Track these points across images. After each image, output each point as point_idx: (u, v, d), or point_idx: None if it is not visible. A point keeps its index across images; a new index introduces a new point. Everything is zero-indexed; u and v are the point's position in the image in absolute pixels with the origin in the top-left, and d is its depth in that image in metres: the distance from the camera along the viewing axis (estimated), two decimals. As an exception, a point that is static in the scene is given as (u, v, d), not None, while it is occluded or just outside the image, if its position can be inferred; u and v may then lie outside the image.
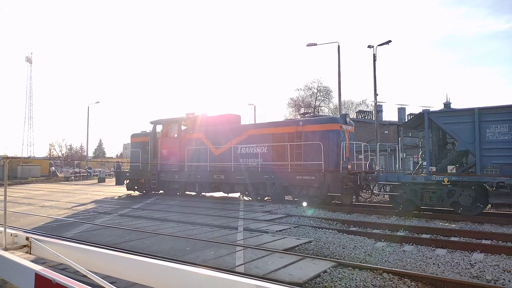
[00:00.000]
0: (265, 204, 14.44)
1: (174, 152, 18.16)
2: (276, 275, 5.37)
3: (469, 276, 5.71)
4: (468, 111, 11.69)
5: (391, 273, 5.48)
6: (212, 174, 16.56)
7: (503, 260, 6.46)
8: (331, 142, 13.84)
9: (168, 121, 18.91)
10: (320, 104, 52.09)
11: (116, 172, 22.96)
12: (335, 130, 14.08)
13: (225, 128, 17.03)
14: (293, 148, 14.43)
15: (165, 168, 18.35)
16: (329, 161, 13.67)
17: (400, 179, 12.56)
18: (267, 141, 15.34)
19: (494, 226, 9.92)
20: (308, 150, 14.11)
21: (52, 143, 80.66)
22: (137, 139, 20.35)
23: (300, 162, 14.22)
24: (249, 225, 9.70)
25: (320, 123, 14.60)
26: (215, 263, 5.96)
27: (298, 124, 14.90)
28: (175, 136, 18.42)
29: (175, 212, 12.46)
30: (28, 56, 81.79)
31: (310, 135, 14.24)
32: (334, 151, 13.77)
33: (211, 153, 16.93)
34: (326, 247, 7.34)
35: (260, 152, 15.37)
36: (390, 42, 23.18)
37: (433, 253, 7.11)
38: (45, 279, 2.25)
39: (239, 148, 16.05)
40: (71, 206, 14.60)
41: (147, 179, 19.18)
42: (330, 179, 13.32)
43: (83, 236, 8.28)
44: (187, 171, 17.45)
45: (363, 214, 12.05)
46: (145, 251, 6.58)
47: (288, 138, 14.75)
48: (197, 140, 17.52)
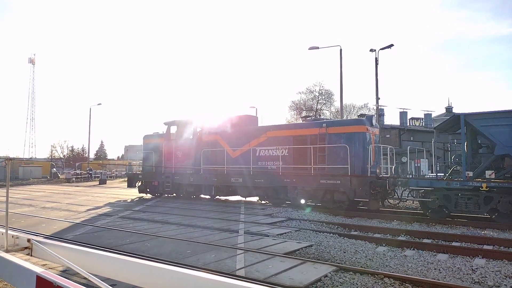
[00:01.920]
0: (266, 207, 14.42)
1: (189, 154, 17.67)
2: (277, 279, 5.35)
3: (471, 281, 5.68)
4: (509, 113, 11.14)
5: (392, 278, 5.45)
6: (229, 177, 16.00)
7: (505, 266, 6.43)
8: (358, 145, 13.29)
9: (183, 122, 18.43)
10: (321, 107, 52.08)
11: (128, 174, 22.55)
12: (361, 132, 13.49)
13: (243, 129, 16.53)
14: (316, 150, 13.90)
15: (180, 170, 17.82)
16: (355, 164, 13.15)
17: (433, 184, 11.93)
18: (287, 143, 14.84)
19: (496, 232, 9.88)
20: (333, 153, 13.63)
21: (54, 144, 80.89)
22: (150, 141, 19.91)
23: (324, 166, 13.70)
24: (250, 228, 9.68)
25: (345, 125, 14.15)
26: (216, 266, 5.95)
27: (321, 125, 14.28)
28: (190, 137, 17.92)
29: (176, 214, 12.45)
30: (31, 58, 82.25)
31: (335, 138, 13.71)
32: (360, 154, 13.25)
33: (228, 155, 16.41)
34: (327, 251, 7.31)
35: (281, 155, 14.84)
36: (392, 46, 23.21)
37: (434, 258, 7.09)
38: (46, 282, 2.25)
39: (258, 151, 15.58)
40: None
41: (160, 181, 18.71)
42: (357, 184, 12.75)
43: (84, 238, 8.27)
44: (203, 173, 16.93)
45: (364, 218, 12.02)
46: (145, 254, 6.57)
47: (310, 140, 14.25)
48: (213, 141, 17.07)
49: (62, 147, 79.80)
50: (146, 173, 20.03)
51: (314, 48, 24.66)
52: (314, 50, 24.90)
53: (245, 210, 13.44)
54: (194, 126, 18.00)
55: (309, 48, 24.68)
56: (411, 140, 32.97)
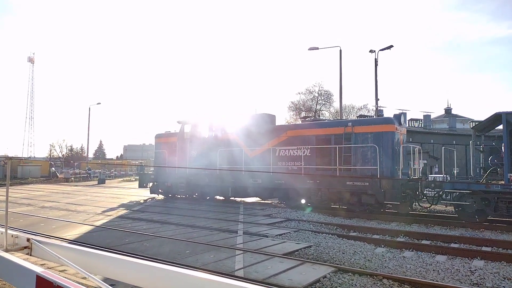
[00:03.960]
0: (265, 207, 14.41)
1: (204, 154, 16.98)
2: (276, 279, 5.36)
3: (469, 283, 5.69)
4: None
5: (391, 279, 5.46)
6: (247, 178, 15.39)
7: (503, 268, 6.44)
8: (387, 145, 12.65)
9: (198, 120, 18.01)
10: (321, 108, 52.12)
11: (139, 175, 21.94)
12: (390, 131, 12.81)
13: (261, 128, 15.83)
14: (341, 151, 13.27)
15: (195, 170, 16.93)
16: (384, 165, 12.55)
17: (471, 187, 11.42)
18: (310, 143, 14.22)
19: (495, 233, 9.90)
20: (360, 153, 13.07)
21: (53, 143, 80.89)
22: (163, 140, 19.38)
23: (350, 167, 13.10)
24: (249, 228, 9.69)
25: (373, 124, 13.44)
26: (215, 266, 5.95)
27: (346, 125, 13.68)
28: (205, 136, 17.43)
29: (175, 215, 12.45)
30: (30, 57, 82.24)
31: (361, 137, 13.14)
32: (389, 155, 12.60)
33: (245, 155, 15.81)
34: (325, 252, 7.32)
35: (303, 155, 14.23)
36: (391, 47, 23.24)
37: (433, 259, 7.10)
38: (46, 281, 2.25)
39: (278, 151, 14.99)
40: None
41: (174, 182, 18.13)
42: (388, 186, 12.14)
43: (83, 238, 8.27)
44: (220, 174, 16.22)
45: (363, 219, 12.03)
46: (144, 254, 6.57)
47: (335, 140, 13.65)
48: (230, 141, 16.42)
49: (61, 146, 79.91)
50: (158, 174, 19.26)
51: (314, 48, 24.68)
52: (314, 51, 24.94)
53: (244, 211, 13.44)
54: (209, 125, 17.47)
55: (309, 48, 24.71)
56: (410, 142, 33.02)
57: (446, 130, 38.33)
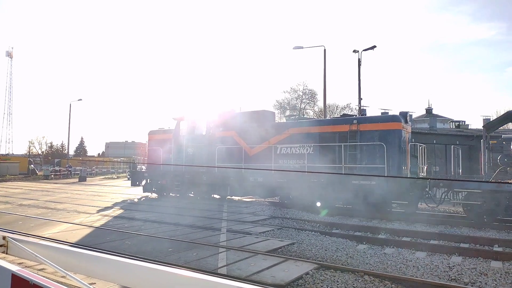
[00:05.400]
0: (249, 205, 14.41)
1: (201, 151, 16.54)
2: (259, 276, 5.37)
3: (448, 278, 5.82)
4: None
5: (372, 275, 5.55)
6: (247, 176, 14.94)
7: (480, 263, 6.62)
8: (394, 143, 12.41)
9: (195, 117, 17.54)
10: (305, 106, 52.48)
11: (131, 172, 21.24)
12: (397, 129, 12.58)
13: (261, 125, 15.34)
14: (347, 149, 13.01)
15: (192, 168, 16.54)
16: (391, 164, 12.29)
17: (481, 186, 11.11)
18: (313, 141, 13.80)
19: (472, 230, 10.15)
20: (366, 151, 12.76)
21: (32, 140, 78.95)
22: (157, 136, 18.69)
23: (355, 165, 12.81)
24: (232, 226, 9.68)
25: (379, 121, 13.08)
26: (197, 264, 5.92)
27: (352, 122, 13.31)
28: (202, 133, 17.00)
29: (158, 212, 12.33)
30: (9, 51, 79.89)
31: (367, 135, 12.81)
32: (396, 153, 12.35)
33: (245, 153, 15.39)
34: (308, 249, 7.38)
35: (306, 153, 13.85)
36: (375, 48, 23.55)
37: (413, 255, 7.24)
38: (22, 280, 2.19)
39: (279, 148, 14.56)
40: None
41: (169, 180, 17.68)
42: (395, 185, 11.89)
43: (62, 236, 8.10)
44: (218, 172, 15.79)
45: (346, 217, 12.16)
46: (126, 252, 6.49)
47: (339, 138, 13.35)
48: (228, 138, 15.95)
49: (40, 143, 78.12)
50: (152, 172, 18.67)
51: (298, 47, 24.80)
52: (299, 50, 25.05)
53: (228, 208, 13.41)
54: (206, 122, 17.04)
55: (293, 47, 24.82)
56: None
57: (427, 130, 39.11)
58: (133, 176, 20.01)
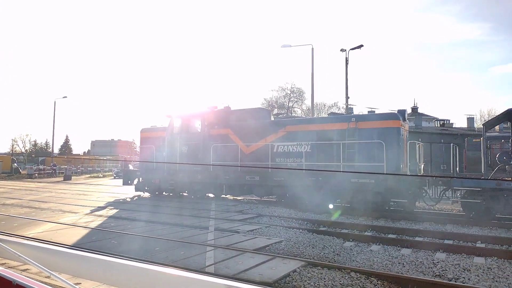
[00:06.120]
0: (237, 203, 14.41)
1: (195, 149, 16.19)
2: (246, 275, 5.38)
3: (432, 275, 5.93)
4: None
5: (359, 272, 5.61)
6: (243, 175, 14.76)
7: (463, 260, 6.76)
8: (393, 141, 12.28)
9: (190, 114, 17.23)
10: (293, 105, 52.75)
11: (123, 171, 20.58)
12: (396, 127, 12.46)
13: (257, 123, 15.15)
14: (345, 147, 12.88)
15: (186, 167, 16.11)
16: (390, 162, 12.10)
17: (481, 184, 11.07)
18: (310, 139, 13.68)
19: (456, 227, 10.36)
20: (364, 149, 12.61)
21: (15, 138, 77.31)
22: (150, 134, 18.32)
23: (354, 163, 12.67)
24: (220, 225, 9.66)
25: (378, 119, 13.04)
26: (185, 263, 5.90)
27: (350, 120, 13.21)
28: (197, 131, 16.69)
29: (144, 211, 12.23)
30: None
31: (366, 133, 12.72)
32: (395, 151, 12.22)
33: (241, 151, 15.06)
34: (296, 246, 7.42)
35: (304, 151, 13.68)
36: (362, 47, 23.79)
37: (398, 252, 7.35)
38: (4, 280, 2.15)
39: (276, 146, 14.35)
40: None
41: (162, 179, 17.33)
42: (395, 183, 11.80)
43: (47, 236, 7.97)
44: (213, 171, 15.51)
45: (332, 214, 12.25)
46: (112, 251, 6.42)
47: (337, 135, 13.20)
48: (223, 136, 15.68)
49: (24, 141, 76.51)
50: (145, 170, 18.19)
51: (286, 46, 24.87)
52: (287, 48, 25.12)
53: (215, 207, 13.38)
54: (201, 119, 16.72)
55: (281, 46, 24.91)
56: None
57: (413, 129, 39.70)
58: (125, 175, 19.50)
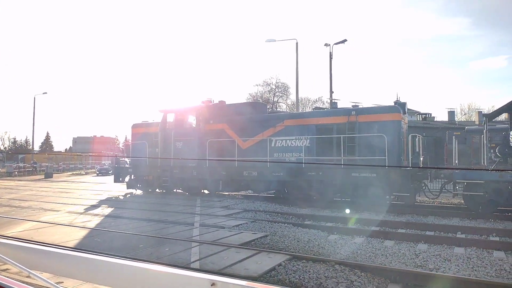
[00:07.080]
0: (222, 199, 14.39)
1: (190, 145, 15.73)
2: (232, 269, 5.38)
3: (414, 265, 6.06)
4: None
5: (343, 265, 5.68)
6: (241, 170, 14.43)
7: (444, 250, 6.94)
8: (394, 134, 12.11)
9: (184, 109, 16.85)
10: (278, 100, 52.77)
11: (115, 168, 19.87)
12: (396, 120, 12.30)
13: (254, 118, 14.87)
14: (345, 140, 12.63)
15: (180, 163, 15.74)
16: (392, 155, 11.90)
17: (483, 177, 10.96)
18: (309, 133, 13.39)
19: (437, 218, 10.60)
20: (365, 143, 12.37)
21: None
22: (142, 130, 17.70)
23: (354, 157, 12.46)
24: (205, 220, 9.64)
25: (378, 112, 12.88)
26: (170, 259, 5.86)
27: (350, 113, 12.95)
28: (191, 126, 16.40)
29: (128, 208, 12.10)
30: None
31: (366, 126, 12.52)
32: (396, 145, 12.06)
33: (238, 146, 14.71)
34: (281, 240, 7.46)
35: (303, 146, 13.40)
36: (345, 41, 23.95)
37: (381, 244, 7.48)
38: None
39: (274, 141, 14.02)
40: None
41: (155, 176, 16.91)
42: (397, 177, 11.69)
43: (27, 235, 7.80)
44: (209, 166, 15.15)
45: (317, 208, 12.38)
46: (95, 249, 6.33)
47: (337, 129, 12.97)
48: (219, 131, 15.25)
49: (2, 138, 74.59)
50: (137, 167, 17.73)
51: (271, 40, 24.84)
52: (271, 43, 25.09)
53: (201, 203, 13.33)
54: (196, 114, 16.30)
55: (266, 40, 24.88)
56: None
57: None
58: (116, 171, 18.78)
